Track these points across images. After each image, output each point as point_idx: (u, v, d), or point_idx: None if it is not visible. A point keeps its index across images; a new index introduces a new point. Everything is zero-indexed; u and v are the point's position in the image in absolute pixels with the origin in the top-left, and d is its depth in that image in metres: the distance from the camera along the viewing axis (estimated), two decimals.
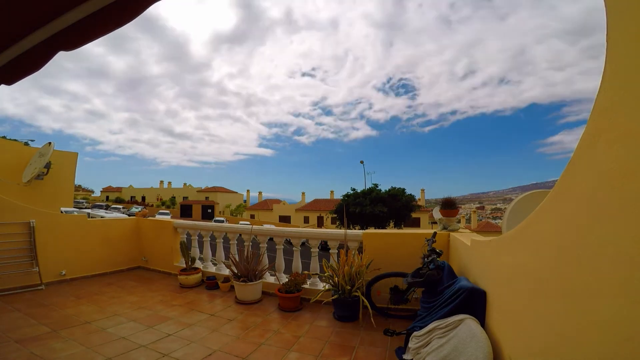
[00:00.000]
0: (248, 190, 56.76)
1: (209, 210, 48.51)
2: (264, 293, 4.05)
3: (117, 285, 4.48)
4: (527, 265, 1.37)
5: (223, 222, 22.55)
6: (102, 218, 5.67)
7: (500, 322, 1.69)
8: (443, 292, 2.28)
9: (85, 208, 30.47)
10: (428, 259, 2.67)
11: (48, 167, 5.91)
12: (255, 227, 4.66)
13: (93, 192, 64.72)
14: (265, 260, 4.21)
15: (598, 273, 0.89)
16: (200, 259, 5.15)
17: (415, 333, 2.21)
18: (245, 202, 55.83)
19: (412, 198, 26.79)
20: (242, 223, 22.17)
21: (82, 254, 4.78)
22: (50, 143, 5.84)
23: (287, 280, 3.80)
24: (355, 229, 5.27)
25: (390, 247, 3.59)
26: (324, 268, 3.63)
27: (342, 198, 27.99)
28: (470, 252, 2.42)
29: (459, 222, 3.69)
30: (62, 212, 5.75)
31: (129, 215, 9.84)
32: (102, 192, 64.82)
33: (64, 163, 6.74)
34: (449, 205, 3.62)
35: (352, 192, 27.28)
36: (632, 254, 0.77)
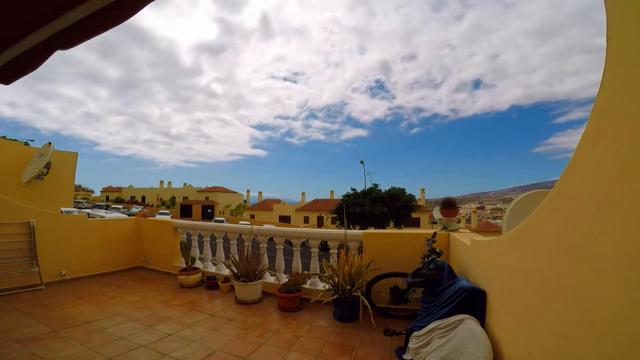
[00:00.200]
0: (248, 190, 56.82)
1: (209, 210, 48.52)
2: (264, 293, 4.05)
3: (117, 285, 4.48)
4: (527, 265, 1.37)
5: (223, 222, 22.55)
6: (102, 218, 5.67)
7: (500, 322, 1.69)
8: (443, 292, 2.28)
9: (85, 208, 30.47)
10: (428, 259, 2.67)
11: (48, 167, 5.92)
12: (255, 227, 4.66)
13: (93, 192, 64.77)
14: (265, 260, 4.21)
15: (598, 273, 0.89)
16: (200, 259, 5.15)
17: (415, 333, 2.21)
18: (245, 202, 55.83)
19: (412, 198, 26.79)
20: (242, 223, 22.16)
21: (82, 254, 4.78)
22: (50, 143, 5.84)
23: (287, 280, 3.80)
24: (355, 229, 5.27)
25: (390, 247, 3.59)
26: (324, 268, 3.63)
27: (342, 198, 27.99)
28: (470, 252, 2.42)
29: (459, 222, 3.69)
30: (62, 212, 5.75)
31: (129, 215, 9.84)
32: (102, 192, 64.84)
33: (64, 163, 6.75)
34: (449, 205, 3.62)
35: (352, 192, 27.29)
36: (632, 254, 0.77)
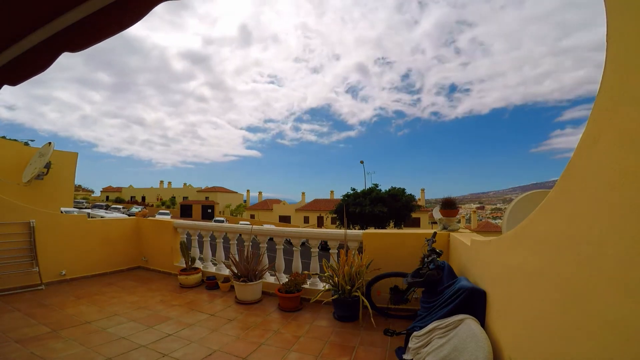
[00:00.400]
0: (248, 191, 56.81)
1: (209, 210, 48.51)
2: (264, 293, 4.05)
3: (117, 285, 4.48)
4: (527, 265, 1.37)
5: (223, 222, 22.54)
6: (102, 218, 5.67)
7: (501, 322, 1.69)
8: (443, 292, 2.28)
9: (85, 208, 30.46)
10: (428, 259, 2.67)
11: (48, 167, 5.92)
12: (255, 227, 4.66)
13: (93, 192, 64.74)
14: (265, 260, 4.21)
15: (598, 273, 0.89)
16: (200, 259, 5.15)
17: (415, 333, 2.21)
18: (245, 202, 55.83)
19: (412, 198, 26.79)
20: (242, 223, 22.15)
21: (82, 254, 4.78)
22: (50, 143, 5.84)
23: (287, 280, 3.81)
24: (355, 229, 5.27)
25: (390, 247, 3.59)
26: (324, 268, 3.63)
27: (342, 198, 27.99)
28: (470, 252, 2.42)
29: (459, 222, 3.69)
30: (62, 212, 5.74)
31: (129, 215, 9.84)
32: (102, 192, 64.82)
33: (64, 163, 6.74)
34: (449, 205, 3.62)
35: (352, 192, 27.29)
36: (632, 254, 0.77)
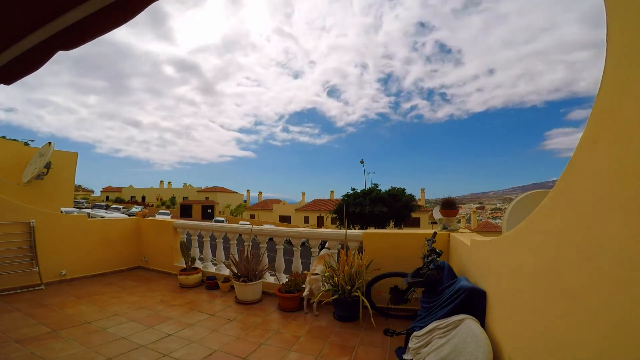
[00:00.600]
0: (248, 191, 56.83)
1: (209, 210, 48.52)
2: (264, 293, 4.05)
3: (117, 285, 4.48)
4: (527, 265, 1.37)
5: (223, 222, 22.55)
6: (102, 218, 5.67)
7: (501, 322, 1.69)
8: (443, 292, 2.28)
9: (85, 208, 30.48)
10: (428, 259, 2.67)
11: (48, 167, 5.92)
12: (255, 227, 4.66)
13: (93, 192, 64.79)
14: (265, 260, 4.21)
15: (598, 273, 0.89)
16: (200, 259, 5.15)
17: (415, 333, 2.21)
18: (245, 202, 55.84)
19: (412, 198, 26.79)
20: (242, 223, 22.15)
21: (82, 254, 4.78)
22: (50, 143, 5.84)
23: (287, 280, 3.81)
24: (355, 229, 5.27)
25: (390, 247, 3.59)
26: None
27: (342, 198, 27.99)
28: (470, 252, 2.42)
29: (459, 222, 3.69)
30: (62, 212, 5.75)
31: (129, 215, 9.84)
32: (102, 192, 64.85)
33: (64, 163, 6.75)
34: (449, 205, 3.62)
35: (352, 192, 27.29)
36: (632, 254, 0.77)
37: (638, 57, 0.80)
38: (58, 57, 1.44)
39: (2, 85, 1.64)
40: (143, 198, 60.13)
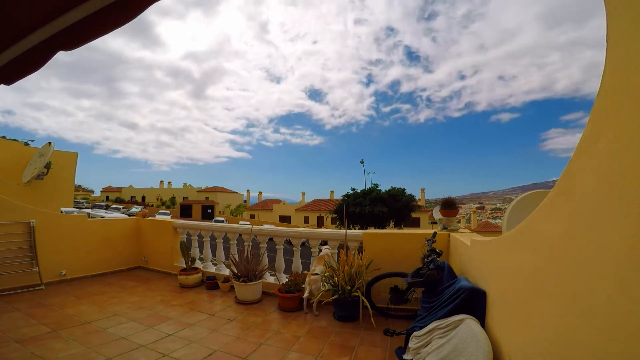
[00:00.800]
0: (248, 191, 56.84)
1: (209, 210, 48.52)
2: (264, 293, 4.05)
3: (117, 285, 4.48)
4: (527, 265, 1.37)
5: (223, 222, 22.55)
6: (102, 218, 5.67)
7: (501, 322, 1.69)
8: (443, 292, 2.28)
9: (85, 208, 30.49)
10: (428, 259, 2.67)
11: (48, 167, 5.92)
12: (255, 227, 4.66)
13: (93, 192, 64.76)
14: (265, 260, 4.21)
15: (598, 273, 0.89)
16: (200, 259, 5.15)
17: (415, 333, 2.21)
18: (245, 202, 55.84)
19: (412, 198, 26.80)
20: (242, 223, 22.14)
21: (82, 254, 4.78)
22: (50, 143, 5.84)
23: (287, 280, 3.81)
24: (355, 229, 5.27)
25: (390, 247, 3.59)
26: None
27: (342, 198, 28.00)
28: (470, 252, 2.42)
29: (459, 222, 3.69)
30: (62, 212, 5.75)
31: (129, 215, 9.84)
32: (102, 192, 64.84)
33: (64, 163, 6.75)
34: (449, 205, 3.62)
35: (352, 192, 27.30)
36: (632, 254, 0.77)
37: (638, 57, 0.80)
38: (53, 63, 1.45)
39: (1, 87, 1.64)
40: (143, 198, 60.13)
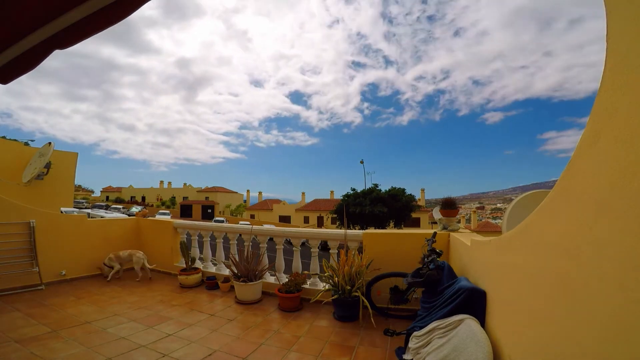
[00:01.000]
0: (248, 191, 56.85)
1: (209, 210, 48.53)
2: (264, 293, 4.05)
3: (117, 285, 4.48)
4: (527, 265, 1.37)
5: (223, 222, 22.55)
6: (102, 218, 5.67)
7: (501, 322, 1.69)
8: (443, 292, 2.28)
9: (85, 208, 30.50)
10: (428, 259, 2.67)
11: (48, 167, 5.91)
12: (255, 227, 4.66)
13: (93, 192, 64.81)
14: (265, 260, 4.21)
15: (598, 273, 0.89)
16: (200, 259, 5.15)
17: (415, 333, 2.21)
18: (245, 202, 55.85)
19: (412, 198, 26.80)
20: (242, 223, 22.16)
21: (82, 254, 4.78)
22: (50, 143, 5.84)
23: (287, 280, 3.81)
24: (355, 229, 5.27)
25: (390, 247, 3.59)
26: (324, 268, 3.63)
27: (342, 198, 27.99)
28: (470, 252, 2.42)
29: (459, 222, 3.69)
30: (62, 212, 5.75)
31: (129, 215, 9.84)
32: (102, 192, 64.87)
33: (64, 163, 6.74)
34: (449, 205, 3.63)
35: (352, 192, 27.29)
36: (632, 254, 0.77)
37: (638, 57, 0.80)
38: (49, 70, 1.45)
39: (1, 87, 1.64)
40: (143, 198, 60.14)
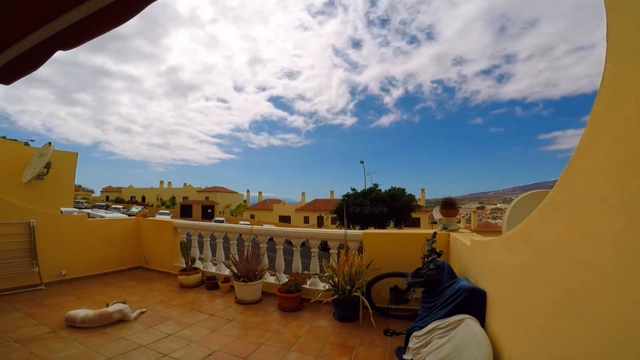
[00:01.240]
0: (248, 191, 56.85)
1: (209, 210, 48.53)
2: (264, 293, 4.05)
3: (117, 285, 4.48)
4: (527, 265, 1.37)
5: (223, 222, 22.55)
6: (102, 218, 5.67)
7: (500, 322, 1.69)
8: (443, 292, 2.28)
9: (85, 208, 30.49)
10: (428, 259, 2.67)
11: (48, 167, 5.92)
12: (255, 227, 4.66)
13: (93, 192, 64.85)
14: (265, 260, 4.21)
15: (598, 273, 0.89)
16: (200, 259, 5.15)
17: (415, 333, 2.22)
18: (245, 202, 55.85)
19: (412, 198, 26.79)
20: (242, 223, 22.15)
21: (82, 254, 4.78)
22: (50, 143, 5.84)
23: (287, 280, 3.81)
24: (355, 229, 5.27)
25: (390, 247, 3.59)
26: (324, 268, 3.63)
27: (342, 198, 27.98)
28: (470, 252, 2.42)
29: (459, 222, 3.69)
30: (62, 212, 5.74)
31: (129, 215, 9.84)
32: (102, 192, 64.88)
33: (64, 163, 6.74)
34: (449, 205, 3.63)
35: (352, 192, 27.28)
36: (632, 254, 0.77)
37: (638, 57, 0.80)
38: (46, 74, 1.45)
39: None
40: (143, 198, 60.14)
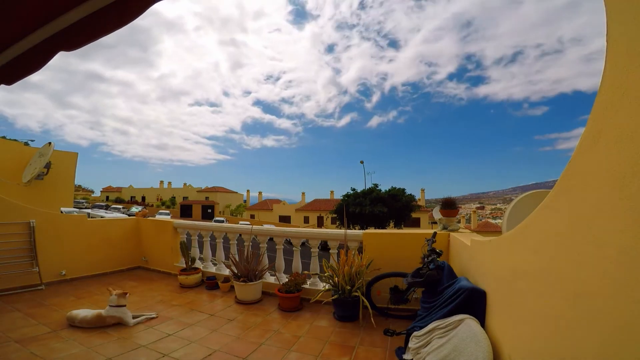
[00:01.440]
0: (248, 191, 56.85)
1: (209, 210, 48.53)
2: (264, 293, 4.05)
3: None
4: (527, 265, 1.37)
5: (223, 222, 22.54)
6: (102, 218, 5.67)
7: (500, 322, 1.69)
8: (443, 292, 2.28)
9: (85, 208, 30.48)
10: (428, 259, 2.67)
11: (48, 167, 5.92)
12: (255, 227, 4.66)
13: (93, 192, 64.86)
14: (265, 260, 4.21)
15: (598, 273, 0.89)
16: (200, 259, 5.15)
17: (415, 333, 2.22)
18: (245, 202, 55.85)
19: (412, 198, 26.80)
20: (242, 223, 22.15)
21: (82, 254, 4.78)
22: (51, 143, 5.84)
23: (287, 280, 3.81)
24: (355, 229, 5.27)
25: (390, 247, 3.59)
26: (324, 268, 3.63)
27: (342, 198, 27.99)
28: (470, 252, 2.42)
29: (459, 222, 3.69)
30: (62, 212, 5.75)
31: (129, 215, 9.84)
32: (102, 192, 64.88)
33: (64, 163, 6.75)
34: (449, 205, 3.63)
35: (352, 192, 27.29)
36: (632, 254, 0.77)
37: (638, 57, 0.80)
38: (42, 79, 1.45)
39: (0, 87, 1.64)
40: (143, 198, 60.14)
